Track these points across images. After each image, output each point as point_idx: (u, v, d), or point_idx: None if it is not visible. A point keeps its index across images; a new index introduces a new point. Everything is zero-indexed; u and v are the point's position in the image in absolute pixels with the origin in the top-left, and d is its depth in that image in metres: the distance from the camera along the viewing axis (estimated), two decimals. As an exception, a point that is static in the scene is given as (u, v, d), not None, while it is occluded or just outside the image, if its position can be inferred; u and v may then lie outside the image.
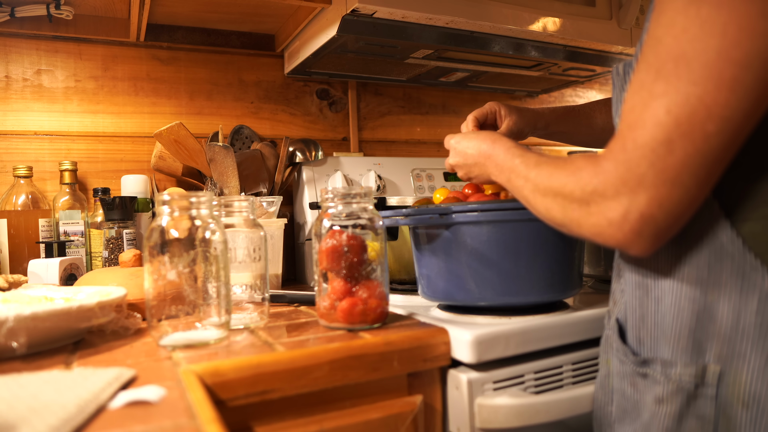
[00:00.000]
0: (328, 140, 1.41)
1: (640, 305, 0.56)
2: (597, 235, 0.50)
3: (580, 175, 0.51)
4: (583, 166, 0.51)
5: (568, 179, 0.52)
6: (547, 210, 0.56)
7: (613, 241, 0.49)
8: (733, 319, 0.48)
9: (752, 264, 0.47)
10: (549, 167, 0.56)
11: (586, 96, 1.78)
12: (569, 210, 0.52)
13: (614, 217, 0.48)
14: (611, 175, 0.47)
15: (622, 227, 0.47)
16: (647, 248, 0.48)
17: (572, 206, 0.52)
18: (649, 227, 0.47)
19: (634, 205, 0.46)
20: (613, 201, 0.47)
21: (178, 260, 0.60)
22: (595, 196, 0.49)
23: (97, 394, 0.43)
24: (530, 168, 0.59)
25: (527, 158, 0.61)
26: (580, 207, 0.51)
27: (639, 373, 0.55)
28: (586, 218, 0.50)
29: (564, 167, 0.53)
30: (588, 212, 0.50)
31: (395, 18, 1.00)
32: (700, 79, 0.43)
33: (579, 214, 0.51)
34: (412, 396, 0.66)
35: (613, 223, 0.48)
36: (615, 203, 0.47)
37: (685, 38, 0.44)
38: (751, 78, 0.42)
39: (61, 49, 1.16)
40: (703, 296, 0.50)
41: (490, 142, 0.68)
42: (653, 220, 0.46)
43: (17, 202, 1.05)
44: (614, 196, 0.47)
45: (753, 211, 0.48)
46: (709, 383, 0.49)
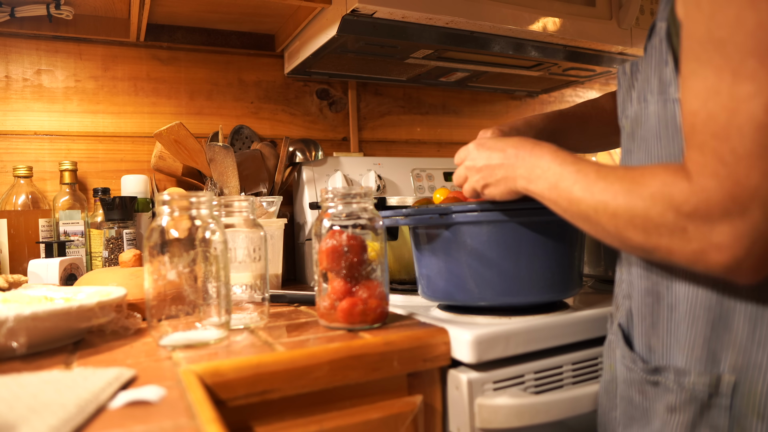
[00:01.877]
0: (328, 140, 1.41)
1: (650, 312, 0.55)
2: (698, 263, 0.45)
3: (670, 192, 0.44)
4: (671, 183, 0.44)
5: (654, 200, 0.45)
6: (618, 231, 0.49)
7: (721, 268, 0.43)
8: (749, 329, 0.47)
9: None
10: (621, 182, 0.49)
11: (586, 96, 1.78)
12: (655, 236, 0.46)
13: (724, 241, 0.42)
14: (715, 193, 0.42)
15: (735, 252, 0.42)
16: (760, 274, 0.43)
17: (659, 231, 0.45)
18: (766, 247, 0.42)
19: (749, 223, 0.41)
20: (722, 223, 0.42)
21: (178, 260, 0.60)
22: (695, 219, 0.43)
23: (97, 394, 0.43)
24: (591, 179, 0.51)
25: (583, 166, 0.53)
26: (671, 233, 0.45)
27: (649, 381, 0.54)
28: (683, 245, 0.44)
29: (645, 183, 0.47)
30: (684, 238, 0.44)
31: (395, 18, 1.00)
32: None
33: (670, 241, 0.45)
34: (412, 396, 0.66)
35: (723, 248, 0.42)
36: (724, 225, 0.42)
37: (763, 32, 0.40)
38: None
39: (61, 49, 1.16)
40: (719, 305, 0.49)
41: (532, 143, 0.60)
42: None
43: (17, 202, 1.05)
44: (722, 217, 0.42)
45: None
46: (723, 393, 0.48)
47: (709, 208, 0.42)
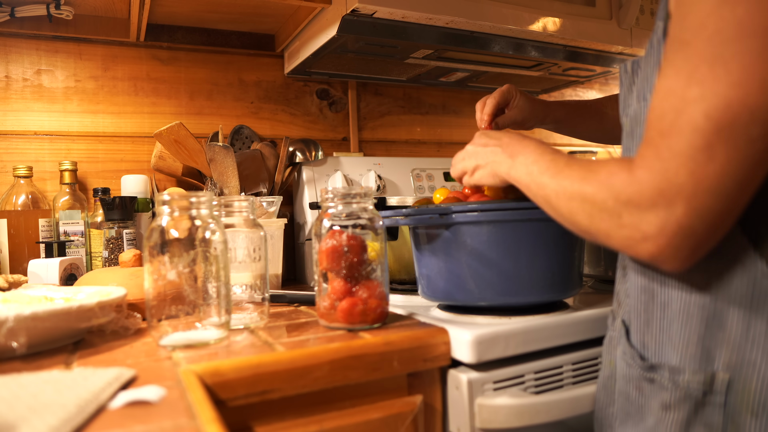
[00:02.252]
0: (328, 140, 1.41)
1: (645, 309, 0.55)
2: (628, 248, 0.48)
3: (613, 181, 0.48)
4: (616, 173, 0.48)
5: (600, 186, 0.49)
6: (570, 215, 0.53)
7: (646, 255, 0.47)
8: (743, 327, 0.47)
9: (763, 271, 0.46)
10: (580, 170, 0.53)
11: (586, 96, 1.78)
12: (597, 219, 0.50)
13: (649, 231, 0.45)
14: (646, 185, 0.45)
15: (658, 241, 0.45)
16: (684, 263, 0.46)
17: (601, 215, 0.49)
18: (688, 240, 0.45)
19: (672, 217, 0.44)
20: (649, 213, 0.45)
21: (178, 260, 0.60)
22: (629, 206, 0.46)
23: (97, 394, 0.43)
24: (560, 167, 0.56)
25: (557, 157, 0.58)
26: (610, 217, 0.48)
27: (646, 378, 0.54)
28: (617, 230, 0.48)
29: (596, 172, 0.51)
30: (619, 224, 0.47)
31: (395, 18, 1.00)
32: (741, 81, 0.41)
33: (609, 225, 0.49)
34: (412, 396, 0.66)
35: (649, 236, 0.46)
36: (651, 215, 0.45)
37: (719, 40, 0.42)
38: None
39: (61, 49, 1.16)
40: (713, 303, 0.49)
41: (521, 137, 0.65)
42: (692, 232, 0.44)
43: (17, 202, 1.05)
44: (650, 208, 0.45)
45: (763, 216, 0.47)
46: (717, 391, 0.48)
47: (640, 199, 0.45)
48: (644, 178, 0.45)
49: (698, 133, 0.42)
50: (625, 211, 0.47)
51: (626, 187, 0.47)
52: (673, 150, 0.44)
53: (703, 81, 0.42)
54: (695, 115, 0.43)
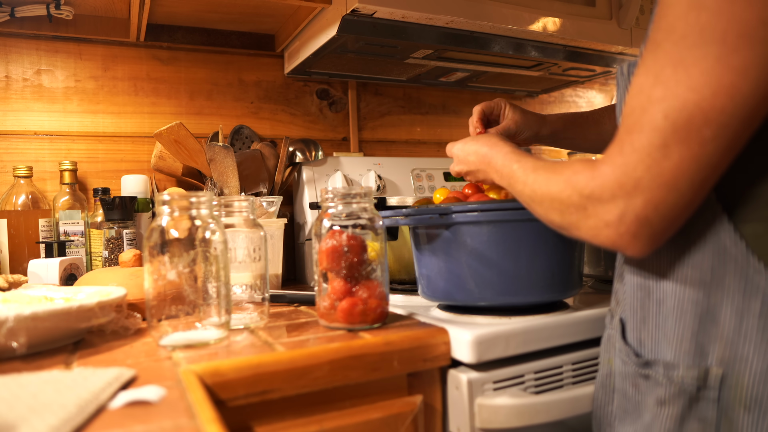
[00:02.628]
0: (328, 140, 1.41)
1: (641, 307, 0.56)
2: (594, 237, 0.51)
3: (577, 179, 0.51)
4: (580, 170, 0.52)
5: (566, 184, 0.53)
6: (546, 214, 0.57)
7: (609, 242, 0.50)
8: (735, 322, 0.48)
9: (755, 266, 0.47)
10: (546, 172, 0.57)
11: (586, 96, 1.78)
12: (567, 214, 0.53)
13: (610, 219, 0.49)
14: (608, 178, 0.48)
15: (618, 229, 0.48)
16: (643, 249, 0.49)
17: (569, 210, 0.53)
18: (645, 229, 0.48)
19: (630, 207, 0.47)
20: (610, 204, 0.48)
21: (178, 260, 0.60)
22: (591, 199, 0.50)
23: (97, 394, 0.43)
24: (528, 173, 0.60)
25: (524, 163, 0.62)
26: (577, 211, 0.52)
27: (641, 375, 0.55)
28: (584, 221, 0.51)
29: (561, 172, 0.54)
30: (585, 215, 0.51)
31: (395, 18, 1.00)
32: (698, 85, 0.43)
33: (577, 218, 0.52)
34: (412, 396, 0.66)
35: (610, 224, 0.49)
36: (611, 206, 0.48)
37: (684, 44, 0.44)
38: (748, 85, 0.42)
39: (61, 49, 1.16)
40: (706, 299, 0.50)
41: (488, 147, 0.69)
42: (648, 223, 0.47)
43: (17, 202, 1.05)
44: (610, 199, 0.48)
45: (755, 213, 0.47)
46: (711, 386, 0.49)
47: (602, 191, 0.49)
48: (606, 173, 0.48)
49: (657, 131, 0.45)
50: (589, 203, 0.50)
51: (589, 181, 0.50)
52: (634, 146, 0.46)
53: (667, 82, 0.45)
54: (656, 114, 0.45)
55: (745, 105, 0.42)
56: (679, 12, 0.45)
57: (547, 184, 0.56)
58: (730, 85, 0.42)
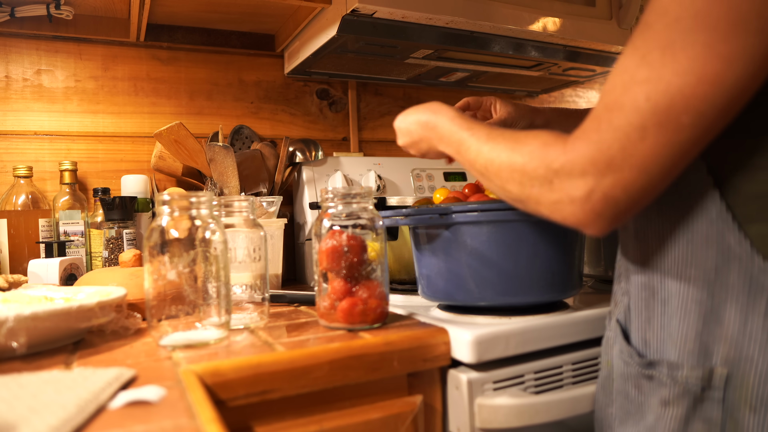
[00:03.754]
0: (328, 140, 1.41)
1: (646, 307, 0.55)
2: (555, 212, 0.51)
3: (547, 151, 0.50)
4: (550, 143, 0.50)
5: (532, 156, 0.51)
6: (502, 185, 0.56)
7: (572, 218, 0.49)
8: (740, 322, 0.47)
9: (760, 266, 0.46)
10: (506, 141, 0.55)
11: (586, 96, 1.78)
12: (528, 186, 0.52)
13: (577, 195, 0.48)
14: (581, 153, 0.47)
15: (584, 206, 0.48)
16: (603, 229, 0.49)
17: (532, 182, 0.51)
18: (611, 209, 0.47)
19: (600, 185, 0.47)
20: (579, 179, 0.48)
21: (178, 260, 0.60)
22: (560, 174, 0.49)
23: (97, 394, 0.43)
24: (482, 141, 0.58)
25: (477, 131, 0.60)
26: (541, 184, 0.51)
27: (644, 375, 0.54)
28: (547, 194, 0.50)
29: (526, 142, 0.53)
30: (550, 189, 0.50)
31: (395, 18, 1.00)
32: (684, 70, 0.43)
33: (539, 191, 0.51)
34: (412, 396, 0.66)
35: (575, 201, 0.48)
36: (580, 182, 0.47)
37: (676, 28, 0.43)
38: (732, 75, 0.42)
39: (61, 49, 1.16)
40: (710, 299, 0.49)
41: (431, 113, 0.67)
42: (615, 203, 0.47)
43: (17, 202, 1.05)
44: (580, 175, 0.47)
45: (760, 213, 0.47)
46: (716, 386, 0.48)
47: (572, 166, 0.48)
48: (580, 147, 0.48)
49: (637, 112, 0.44)
50: (556, 177, 0.49)
51: (560, 155, 0.49)
52: (612, 124, 0.46)
53: (653, 64, 0.44)
54: (638, 94, 0.44)
55: (726, 95, 0.42)
56: None
57: (509, 154, 0.54)
58: (715, 73, 0.42)
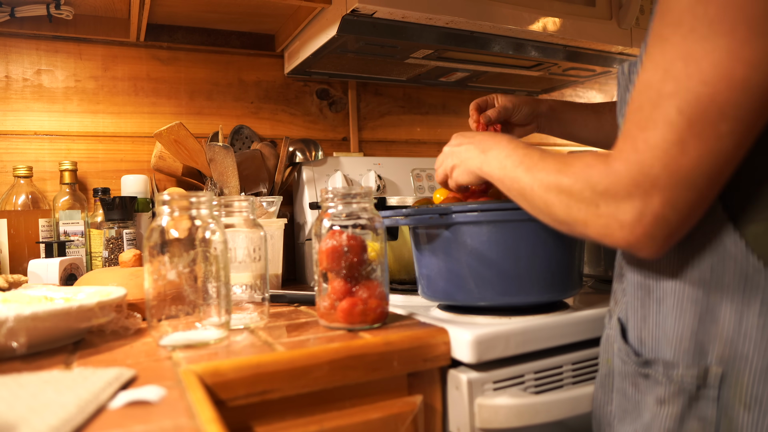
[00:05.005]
0: (328, 140, 1.41)
1: (641, 306, 0.56)
2: (605, 237, 0.50)
3: (590, 173, 0.49)
4: (593, 164, 0.50)
5: (577, 177, 0.51)
6: (546, 206, 0.55)
7: (623, 243, 0.48)
8: (735, 321, 0.48)
9: (755, 266, 0.47)
10: (555, 162, 0.54)
11: (586, 96, 1.78)
12: (574, 209, 0.51)
13: (626, 220, 0.47)
14: (623, 176, 0.47)
15: (634, 230, 0.47)
16: (658, 251, 0.48)
17: (579, 206, 0.51)
18: (662, 229, 0.46)
19: (648, 207, 0.46)
20: (626, 203, 0.47)
21: (178, 260, 0.60)
22: (605, 197, 0.48)
23: (97, 394, 0.43)
24: (534, 161, 0.57)
25: (530, 150, 0.59)
26: (587, 207, 0.50)
27: (641, 374, 0.55)
28: (595, 219, 0.50)
29: (572, 164, 0.52)
30: (596, 213, 0.49)
31: (395, 18, 1.00)
32: (711, 78, 0.42)
33: (586, 215, 0.50)
34: (412, 396, 0.66)
35: (625, 225, 0.47)
36: (627, 205, 0.47)
37: (693, 38, 0.43)
38: (760, 78, 0.42)
39: (61, 49, 1.16)
40: (706, 298, 0.49)
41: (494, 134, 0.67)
42: (666, 222, 0.46)
43: (17, 202, 1.05)
44: (626, 198, 0.47)
45: (757, 213, 0.47)
46: (711, 385, 0.49)
47: (617, 189, 0.47)
48: (621, 170, 0.47)
49: (672, 127, 0.44)
50: (602, 201, 0.48)
51: (603, 178, 0.48)
52: (648, 143, 0.45)
53: (678, 77, 0.44)
54: (669, 109, 0.44)
55: (760, 98, 0.42)
56: (685, 6, 0.44)
57: (557, 174, 0.53)
58: (744, 78, 0.42)
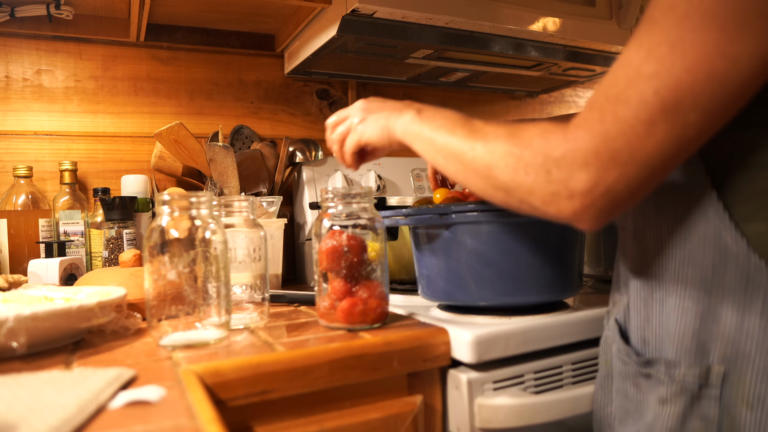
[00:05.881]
0: (328, 140, 1.41)
1: (644, 306, 0.56)
2: (549, 204, 0.49)
3: (546, 138, 0.48)
4: (550, 131, 0.48)
5: (531, 143, 0.49)
6: (488, 169, 0.52)
7: (567, 212, 0.48)
8: (737, 320, 0.48)
9: (756, 265, 0.47)
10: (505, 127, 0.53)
11: (585, 96, 1.78)
12: (521, 174, 0.49)
13: (577, 188, 0.46)
14: (583, 143, 0.46)
15: (584, 200, 0.46)
16: (598, 224, 0.48)
17: (527, 170, 0.49)
18: (610, 203, 0.46)
19: (602, 178, 0.45)
20: (581, 172, 0.46)
21: (178, 260, 0.60)
22: (560, 163, 0.47)
23: (97, 394, 0.43)
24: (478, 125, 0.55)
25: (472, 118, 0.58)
26: (536, 173, 0.48)
27: (642, 374, 0.54)
28: (543, 186, 0.48)
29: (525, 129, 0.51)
30: (546, 179, 0.48)
31: (395, 18, 1.00)
32: (694, 68, 0.43)
33: (534, 181, 0.49)
34: (412, 396, 0.66)
35: (575, 194, 0.47)
36: (582, 174, 0.46)
37: (685, 25, 0.43)
38: (737, 76, 0.42)
39: (61, 49, 1.16)
40: (707, 297, 0.49)
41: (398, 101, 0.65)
42: (615, 196, 0.46)
43: (17, 202, 1.05)
44: (583, 167, 0.46)
45: (758, 212, 0.47)
46: (713, 384, 0.49)
47: (574, 157, 0.46)
48: (582, 138, 0.46)
49: (645, 106, 0.44)
50: (555, 167, 0.47)
51: (560, 144, 0.47)
52: (617, 116, 0.45)
53: (662, 59, 0.44)
54: (646, 89, 0.44)
55: (731, 93, 0.43)
56: None
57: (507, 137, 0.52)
58: (723, 73, 0.42)
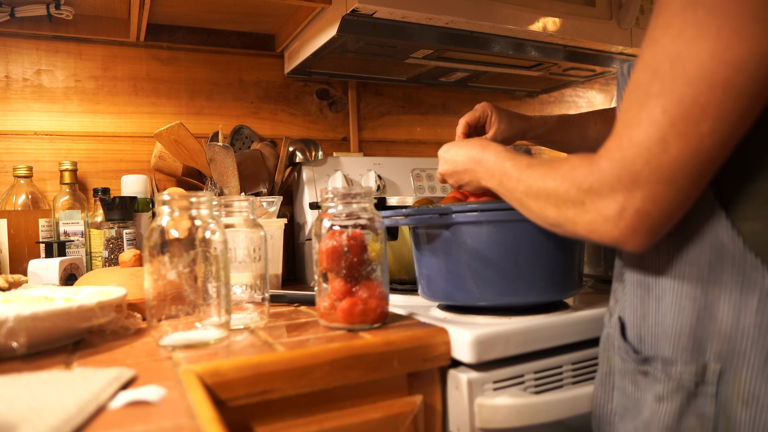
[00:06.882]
0: (328, 140, 1.41)
1: (641, 303, 0.56)
2: (592, 233, 0.51)
3: (575, 173, 0.51)
4: (578, 165, 0.52)
5: (563, 179, 0.53)
6: (540, 210, 0.57)
7: (609, 237, 0.50)
8: (733, 318, 0.48)
9: (752, 263, 0.47)
10: (541, 168, 0.57)
11: (586, 96, 1.78)
12: (563, 209, 0.53)
13: (610, 214, 0.49)
14: (607, 172, 0.48)
15: (618, 224, 0.48)
16: (643, 244, 0.49)
17: (567, 205, 0.53)
18: (645, 223, 0.48)
19: (630, 201, 0.47)
20: (609, 198, 0.48)
21: (178, 260, 0.60)
22: (590, 194, 0.50)
23: (97, 394, 0.43)
24: (522, 170, 0.60)
25: (518, 161, 0.62)
26: (575, 206, 0.52)
27: (640, 371, 0.55)
28: (582, 216, 0.51)
29: (558, 167, 0.54)
30: (583, 210, 0.51)
31: (395, 18, 1.00)
32: (695, 79, 0.43)
33: (574, 213, 0.52)
34: (412, 396, 0.66)
35: (609, 219, 0.49)
36: (611, 200, 0.48)
37: (681, 40, 0.45)
38: (743, 79, 0.42)
39: (61, 49, 1.16)
40: (704, 295, 0.50)
41: (480, 148, 0.70)
42: (648, 217, 0.47)
43: (17, 202, 1.05)
44: (610, 194, 0.48)
45: (754, 210, 0.48)
46: (709, 381, 0.49)
47: (600, 185, 0.49)
48: (605, 166, 0.48)
49: (655, 126, 0.45)
50: (588, 198, 0.50)
51: (588, 176, 0.50)
52: (633, 140, 0.47)
53: (664, 78, 0.45)
54: (654, 109, 0.45)
55: (741, 99, 0.43)
56: (676, 9, 0.45)
57: (543, 179, 0.56)
58: (726, 79, 0.43)
